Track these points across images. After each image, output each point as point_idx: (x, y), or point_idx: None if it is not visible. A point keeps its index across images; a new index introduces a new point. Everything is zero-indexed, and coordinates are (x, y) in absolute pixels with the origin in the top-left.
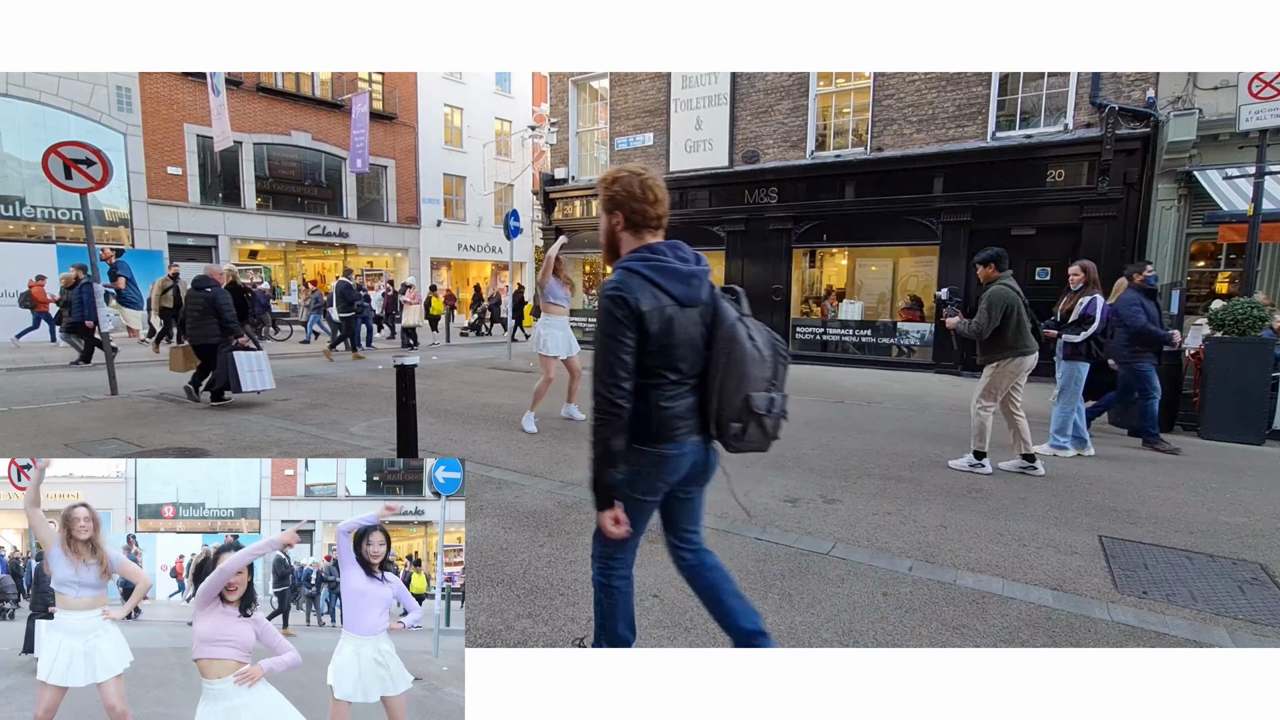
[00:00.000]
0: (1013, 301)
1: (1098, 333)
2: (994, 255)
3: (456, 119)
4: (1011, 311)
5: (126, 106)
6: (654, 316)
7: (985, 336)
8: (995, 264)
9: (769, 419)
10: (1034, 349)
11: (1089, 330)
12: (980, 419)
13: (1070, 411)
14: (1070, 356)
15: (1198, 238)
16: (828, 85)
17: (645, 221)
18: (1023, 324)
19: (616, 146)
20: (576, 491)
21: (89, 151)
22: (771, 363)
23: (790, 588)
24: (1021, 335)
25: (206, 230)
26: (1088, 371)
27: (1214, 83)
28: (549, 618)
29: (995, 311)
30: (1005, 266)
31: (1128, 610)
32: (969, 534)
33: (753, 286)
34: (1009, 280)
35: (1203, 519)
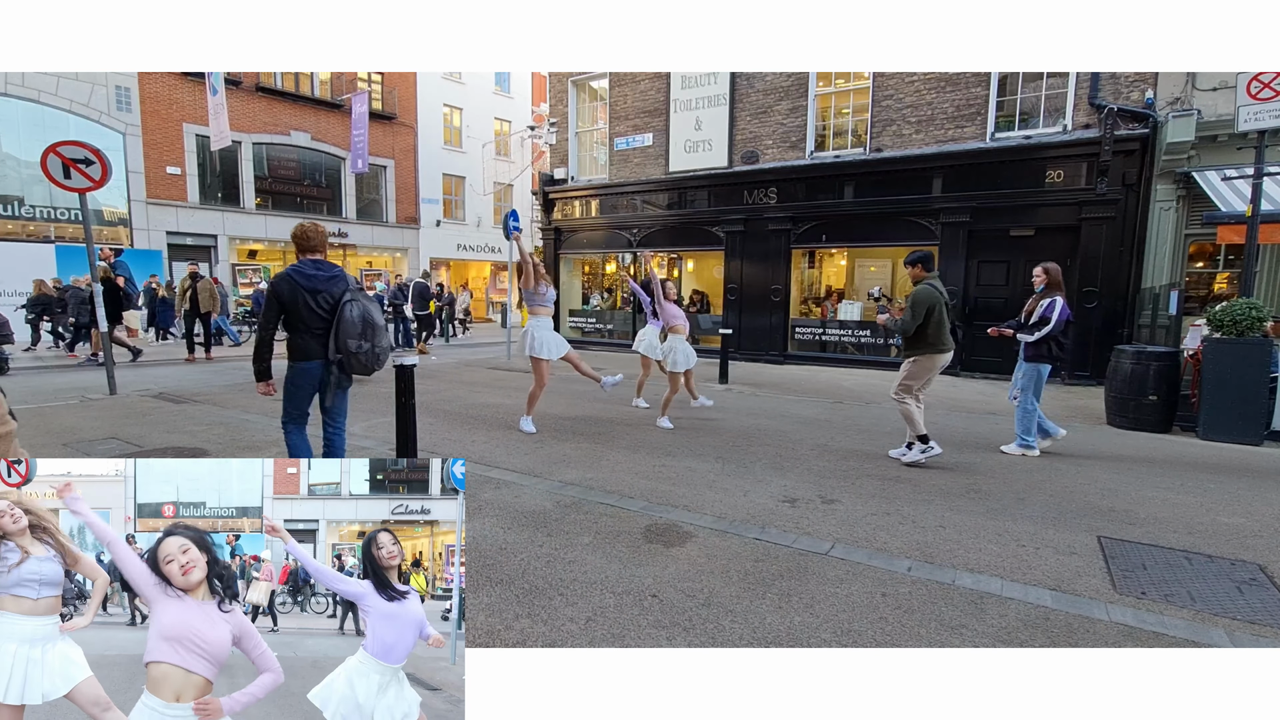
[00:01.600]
0: (935, 300)
1: (1056, 334)
2: (921, 257)
3: (456, 119)
4: (934, 310)
5: (126, 106)
6: (286, 297)
7: (909, 333)
8: (923, 265)
9: (360, 355)
10: (950, 347)
11: (1044, 331)
12: (905, 409)
13: (1034, 411)
14: (1031, 358)
15: (1196, 238)
16: (827, 86)
17: (304, 249)
18: (943, 323)
19: (616, 147)
20: (575, 491)
21: (88, 151)
22: (360, 326)
23: (789, 588)
24: (941, 333)
25: (205, 230)
26: (1048, 373)
27: (1213, 83)
28: (548, 617)
29: (919, 310)
30: (932, 268)
31: (1126, 610)
32: (968, 534)
33: (752, 287)
34: (935, 281)
35: (1201, 519)
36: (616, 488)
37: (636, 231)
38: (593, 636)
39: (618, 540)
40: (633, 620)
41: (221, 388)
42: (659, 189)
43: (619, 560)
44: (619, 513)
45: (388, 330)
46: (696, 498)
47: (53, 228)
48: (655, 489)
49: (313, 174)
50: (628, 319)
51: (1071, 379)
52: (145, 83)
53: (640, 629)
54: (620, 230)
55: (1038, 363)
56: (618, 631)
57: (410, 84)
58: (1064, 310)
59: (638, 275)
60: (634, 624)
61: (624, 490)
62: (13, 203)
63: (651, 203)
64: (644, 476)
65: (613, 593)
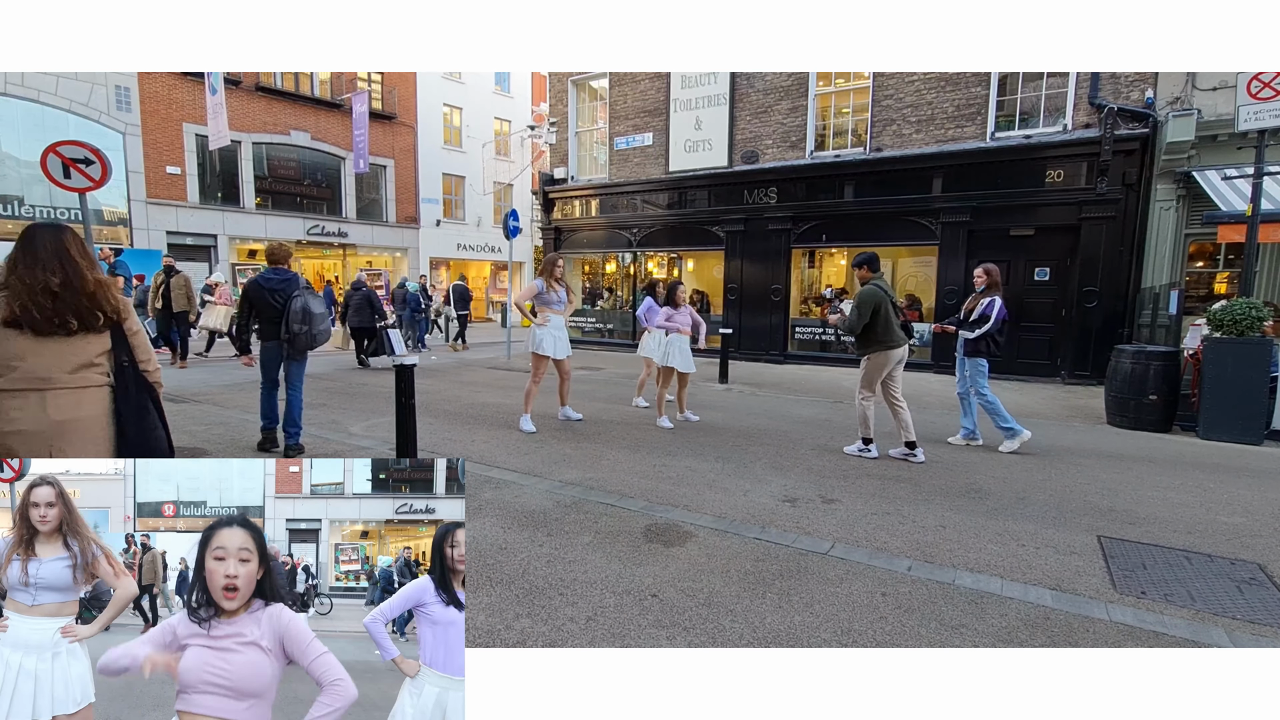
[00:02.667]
0: (880, 300)
1: (993, 331)
2: (867, 259)
3: (456, 119)
4: (880, 309)
5: (125, 106)
6: (254, 297)
7: (857, 332)
8: (868, 266)
9: (300, 336)
10: (901, 343)
11: (983, 329)
12: (861, 409)
13: (994, 397)
14: (970, 354)
15: (1196, 238)
16: (827, 85)
17: (272, 261)
18: (890, 321)
19: (616, 146)
20: (575, 491)
21: (88, 151)
22: (300, 315)
23: (789, 587)
24: (890, 331)
25: (205, 230)
26: (988, 367)
27: (1213, 83)
28: (548, 617)
29: (865, 309)
30: (878, 269)
31: (1126, 610)
32: (968, 534)
33: (752, 286)
34: (880, 281)
35: (1201, 519)
36: (616, 487)
37: (636, 231)
38: (593, 636)
39: (618, 540)
40: (633, 620)
41: (221, 387)
42: (659, 189)
43: (619, 560)
44: (619, 512)
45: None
46: (696, 497)
47: None
48: (655, 489)
49: (312, 174)
50: (627, 319)
51: (1071, 379)
52: (145, 82)
53: (640, 629)
54: (620, 230)
55: (976, 358)
56: (618, 631)
57: (410, 84)
58: (1002, 310)
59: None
60: (634, 624)
61: (624, 490)
62: (12, 202)
63: (651, 202)
64: (644, 476)
65: (613, 592)
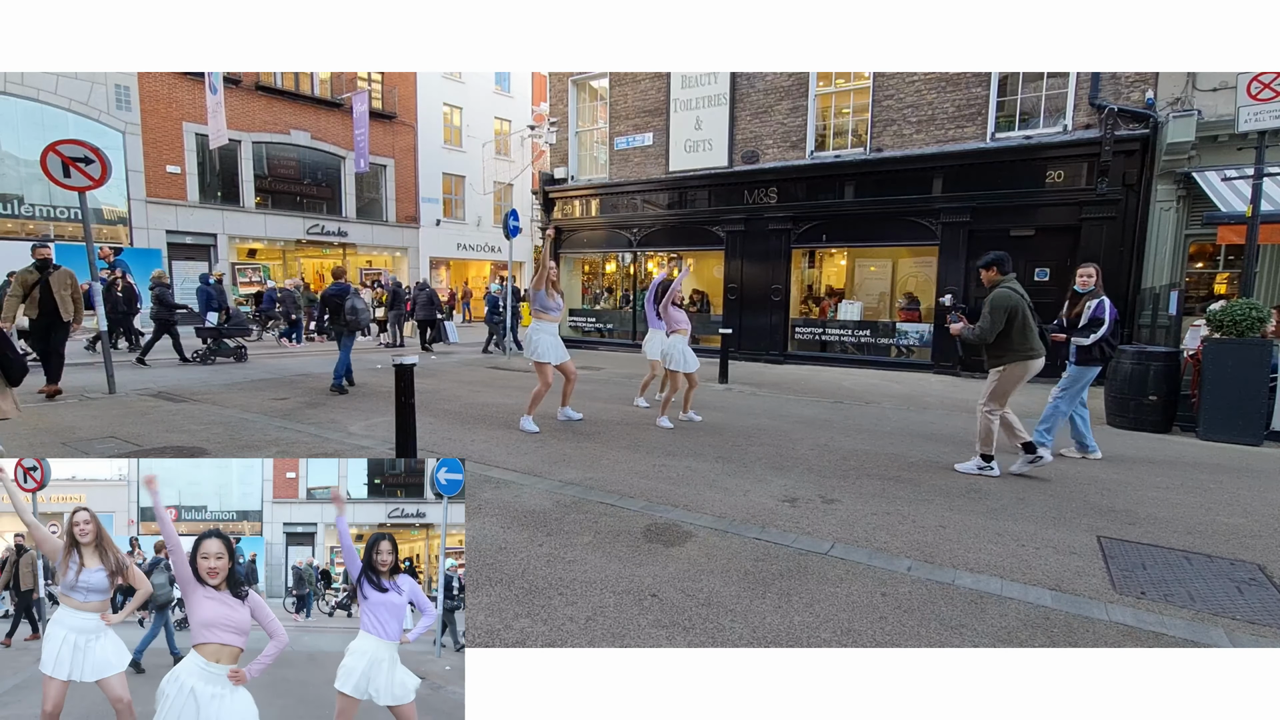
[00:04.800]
0: (1016, 304)
1: (1107, 335)
2: (997, 259)
3: (456, 118)
4: (1016, 314)
5: (125, 105)
6: (327, 300)
7: (990, 341)
8: (998, 267)
9: (351, 323)
10: (1041, 352)
11: (1098, 333)
12: (986, 422)
13: (1066, 412)
14: (1081, 361)
15: (1196, 239)
16: (827, 85)
17: (335, 276)
18: (1029, 327)
19: (616, 146)
20: (575, 491)
21: (87, 150)
22: (350, 309)
23: (789, 587)
24: (1028, 338)
25: (205, 229)
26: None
27: (1213, 84)
28: (548, 617)
29: (999, 315)
30: (1008, 270)
31: (1126, 610)
32: (967, 534)
33: (752, 286)
34: (1012, 283)
35: (1201, 519)
36: (616, 487)
37: (636, 231)
38: (592, 636)
39: (618, 540)
40: (632, 620)
41: (221, 387)
42: (659, 189)
43: (619, 560)
44: (619, 512)
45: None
46: (696, 497)
47: (52, 226)
48: (655, 488)
49: (312, 173)
50: (627, 319)
51: None
52: (145, 81)
53: (640, 628)
54: (620, 230)
55: (1086, 365)
56: (618, 631)
57: (410, 83)
58: (1113, 311)
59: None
60: (634, 623)
61: (624, 490)
62: (12, 201)
63: (651, 202)
64: (644, 476)
65: (612, 592)
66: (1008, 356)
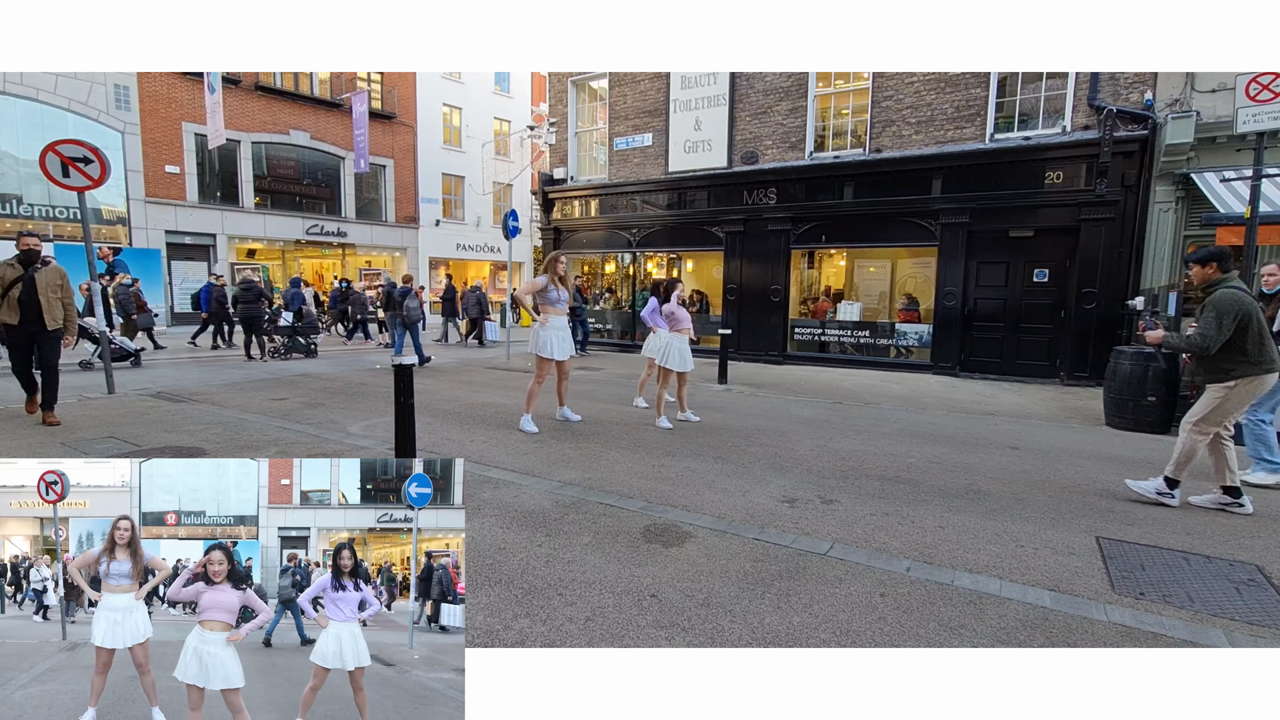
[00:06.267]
0: (1250, 308)
1: None
2: (1216, 253)
3: (455, 119)
4: (1249, 320)
5: (124, 105)
6: (393, 298)
7: (1214, 349)
8: (1218, 263)
9: (405, 317)
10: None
11: None
12: (1192, 443)
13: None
14: None
15: (1195, 240)
16: (826, 86)
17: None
18: (1265, 334)
19: (615, 147)
20: (574, 491)
21: (87, 150)
22: (405, 306)
23: (788, 588)
24: (1264, 347)
25: (204, 229)
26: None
27: (1212, 85)
28: (547, 617)
29: (1227, 320)
30: (1229, 267)
31: (1125, 611)
32: (967, 535)
33: (751, 287)
34: (1237, 283)
35: (1199, 520)
36: (616, 488)
37: (636, 231)
38: (592, 636)
39: (617, 540)
40: (632, 620)
41: (220, 387)
42: (659, 189)
43: (618, 560)
44: (618, 513)
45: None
46: (696, 498)
47: (51, 226)
48: (654, 489)
49: (312, 173)
50: (627, 319)
51: (1070, 380)
52: (144, 81)
53: (639, 629)
54: (620, 230)
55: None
56: (617, 631)
57: (410, 83)
58: None
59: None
60: (633, 624)
61: (623, 490)
62: (11, 201)
63: (651, 203)
64: (643, 476)
65: (612, 592)
66: (1238, 370)
